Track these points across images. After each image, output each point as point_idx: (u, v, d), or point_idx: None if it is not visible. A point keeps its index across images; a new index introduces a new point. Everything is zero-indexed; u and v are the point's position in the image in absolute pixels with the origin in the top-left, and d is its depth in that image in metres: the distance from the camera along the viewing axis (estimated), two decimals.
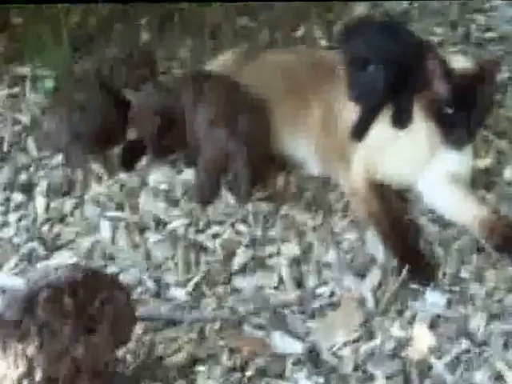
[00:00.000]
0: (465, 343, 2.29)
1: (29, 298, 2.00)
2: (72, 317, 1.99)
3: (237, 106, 2.83)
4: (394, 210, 2.69)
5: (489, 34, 3.53)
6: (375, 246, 2.61)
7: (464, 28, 3.58)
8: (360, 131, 2.75)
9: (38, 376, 1.95)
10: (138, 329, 2.33)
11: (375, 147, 2.73)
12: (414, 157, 2.71)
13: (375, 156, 2.74)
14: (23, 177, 3.05)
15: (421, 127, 2.65)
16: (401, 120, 2.67)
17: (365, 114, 2.73)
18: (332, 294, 2.50)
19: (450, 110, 2.54)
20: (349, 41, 2.67)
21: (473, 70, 2.56)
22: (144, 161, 3.05)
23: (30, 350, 1.94)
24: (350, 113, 2.76)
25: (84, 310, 2.01)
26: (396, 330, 2.36)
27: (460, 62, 2.61)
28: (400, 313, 2.41)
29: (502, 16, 3.62)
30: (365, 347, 2.32)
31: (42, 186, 2.99)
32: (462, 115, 2.54)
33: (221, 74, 3.05)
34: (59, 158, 3.10)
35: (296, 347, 2.35)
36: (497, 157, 2.90)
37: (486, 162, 2.87)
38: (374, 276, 2.52)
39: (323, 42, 3.72)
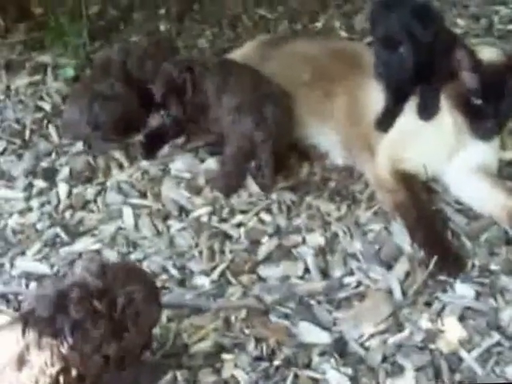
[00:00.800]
0: (496, 336, 2.26)
1: (59, 296, 1.99)
2: (103, 317, 1.98)
3: (262, 95, 2.80)
4: (421, 201, 2.66)
5: None
6: (402, 237, 2.58)
7: (486, 20, 3.53)
8: (385, 122, 2.73)
9: (73, 373, 1.96)
10: (163, 316, 2.30)
11: (401, 138, 2.71)
12: (440, 148, 2.69)
13: (401, 146, 2.71)
14: (45, 164, 3.02)
15: (448, 118, 2.62)
16: (427, 110, 2.64)
17: (390, 104, 2.71)
18: (358, 285, 2.47)
19: (478, 101, 2.52)
20: (381, 19, 2.64)
21: (501, 61, 2.54)
22: (166, 149, 3.01)
23: (65, 348, 1.93)
24: (375, 103, 2.74)
25: (112, 308, 2.00)
26: (425, 322, 2.32)
27: (488, 53, 2.58)
28: (428, 304, 2.38)
29: None
30: (393, 339, 2.29)
31: (63, 173, 2.97)
32: (490, 107, 2.52)
33: (245, 62, 3.01)
34: (80, 144, 3.07)
35: (323, 337, 2.32)
36: None
37: None
38: (401, 267, 2.49)
39: (343, 34, 3.69)
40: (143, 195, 2.85)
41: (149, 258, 2.59)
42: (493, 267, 2.47)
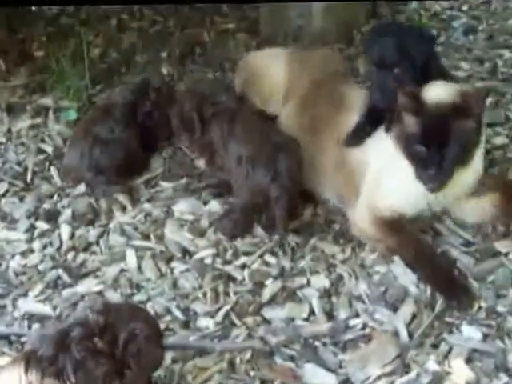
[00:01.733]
0: (504, 378, 2.23)
1: (61, 335, 1.98)
2: (105, 355, 1.97)
3: (275, 145, 2.76)
4: (415, 240, 2.63)
5: None
6: (407, 278, 2.56)
7: (490, 63, 3.55)
8: (355, 138, 2.71)
9: None
10: (168, 358, 2.27)
11: (375, 185, 2.67)
12: (415, 186, 2.56)
13: (377, 194, 2.66)
14: (47, 205, 3.01)
15: None
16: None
17: (365, 122, 2.70)
18: (364, 327, 2.44)
19: (420, 147, 2.41)
20: (376, 41, 2.66)
21: (452, 102, 2.41)
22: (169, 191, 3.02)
23: None
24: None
25: (114, 348, 1.99)
26: (432, 364, 2.29)
27: (437, 92, 2.46)
28: (435, 346, 2.35)
29: None
30: (400, 381, 2.26)
31: (66, 215, 2.96)
32: (433, 154, 2.39)
33: (252, 107, 3.02)
34: (83, 186, 3.06)
35: (328, 380, 2.29)
36: None
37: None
38: (407, 308, 2.47)
39: None
40: (146, 237, 2.84)
41: (152, 299, 2.57)
42: (500, 309, 2.44)
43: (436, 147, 2.38)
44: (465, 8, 4.06)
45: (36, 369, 1.93)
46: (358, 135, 2.71)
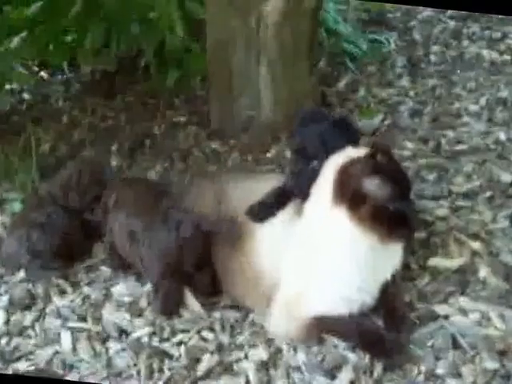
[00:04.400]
0: None
1: None
2: None
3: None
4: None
5: (460, 147, 3.53)
6: (346, 345, 2.48)
7: (434, 142, 3.59)
8: (258, 213, 2.65)
9: None
10: None
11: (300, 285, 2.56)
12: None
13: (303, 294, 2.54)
14: None
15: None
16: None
17: (271, 198, 2.65)
18: None
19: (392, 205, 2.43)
20: (300, 130, 2.65)
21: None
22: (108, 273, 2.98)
23: None
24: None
25: None
26: None
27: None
28: None
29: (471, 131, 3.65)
30: None
31: (2, 301, 2.90)
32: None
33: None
34: (21, 273, 3.02)
35: None
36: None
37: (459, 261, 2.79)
38: (346, 376, 2.39)
39: None
40: (83, 319, 2.78)
41: (85, 378, 2.49)
42: (439, 371, 2.37)
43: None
44: (411, 94, 4.13)
45: None
46: (262, 211, 2.65)
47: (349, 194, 2.39)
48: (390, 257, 2.53)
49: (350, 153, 2.48)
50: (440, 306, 2.61)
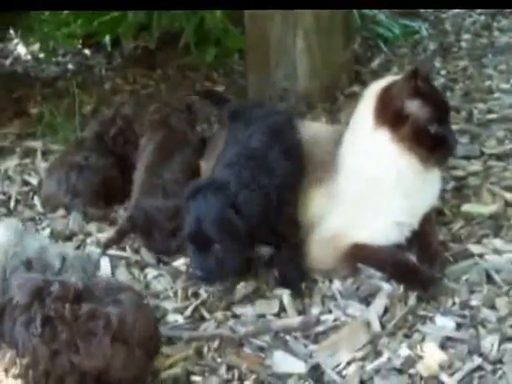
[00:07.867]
0: (477, 360, 2.16)
1: (39, 288, 1.99)
2: (72, 323, 1.96)
3: None
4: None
5: (491, 116, 3.58)
6: (380, 277, 2.52)
7: (466, 111, 3.63)
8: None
9: (41, 368, 1.93)
10: None
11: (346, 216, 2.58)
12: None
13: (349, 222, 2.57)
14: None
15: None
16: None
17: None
18: (336, 320, 2.39)
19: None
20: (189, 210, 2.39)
21: None
22: None
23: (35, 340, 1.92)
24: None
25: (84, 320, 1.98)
26: (404, 349, 2.23)
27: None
28: (408, 336, 2.30)
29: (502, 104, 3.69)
30: (371, 365, 2.20)
31: (44, 234, 2.97)
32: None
33: None
34: (61, 212, 3.11)
35: (298, 367, 2.23)
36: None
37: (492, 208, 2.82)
38: (380, 302, 2.42)
39: None
40: (122, 249, 2.85)
41: None
42: (473, 303, 2.39)
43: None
44: (443, 72, 4.18)
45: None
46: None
47: (391, 114, 2.45)
48: (431, 183, 2.58)
49: (391, 78, 2.54)
50: (474, 246, 2.64)
